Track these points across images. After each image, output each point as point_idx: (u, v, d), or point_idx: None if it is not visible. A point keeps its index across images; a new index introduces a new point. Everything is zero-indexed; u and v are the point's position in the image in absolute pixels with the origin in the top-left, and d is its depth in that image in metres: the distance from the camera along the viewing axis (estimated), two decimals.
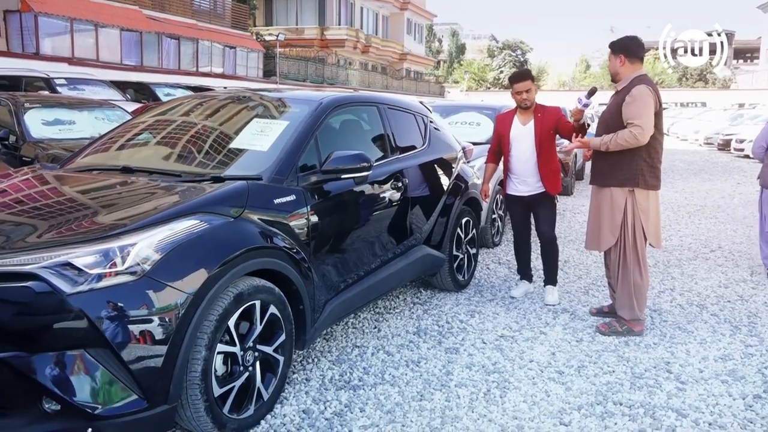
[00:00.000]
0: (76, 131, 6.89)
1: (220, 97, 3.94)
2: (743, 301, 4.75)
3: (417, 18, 47.41)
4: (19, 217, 2.59)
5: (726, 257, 6.23)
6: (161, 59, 21.74)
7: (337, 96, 3.68)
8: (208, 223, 2.55)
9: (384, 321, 4.19)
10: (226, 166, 3.10)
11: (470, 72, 62.29)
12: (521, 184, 4.65)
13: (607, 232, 3.96)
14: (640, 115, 3.71)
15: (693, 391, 3.19)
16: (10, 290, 2.16)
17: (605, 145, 3.79)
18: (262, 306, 2.72)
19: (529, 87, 4.49)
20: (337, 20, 36.67)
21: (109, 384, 2.21)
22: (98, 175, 3.09)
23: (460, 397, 3.12)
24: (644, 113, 3.72)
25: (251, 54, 27.12)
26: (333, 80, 33.48)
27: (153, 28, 21.46)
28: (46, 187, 2.98)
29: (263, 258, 2.71)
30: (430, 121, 4.74)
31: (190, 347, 2.36)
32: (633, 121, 3.71)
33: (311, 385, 3.22)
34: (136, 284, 2.26)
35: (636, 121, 3.70)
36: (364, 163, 3.21)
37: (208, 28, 24.56)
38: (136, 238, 2.32)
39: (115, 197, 2.75)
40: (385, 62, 43.12)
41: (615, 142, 3.75)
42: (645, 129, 3.70)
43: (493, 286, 5.08)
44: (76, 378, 2.18)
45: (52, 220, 2.50)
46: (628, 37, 3.96)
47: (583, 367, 3.49)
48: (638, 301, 3.97)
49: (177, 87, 15.67)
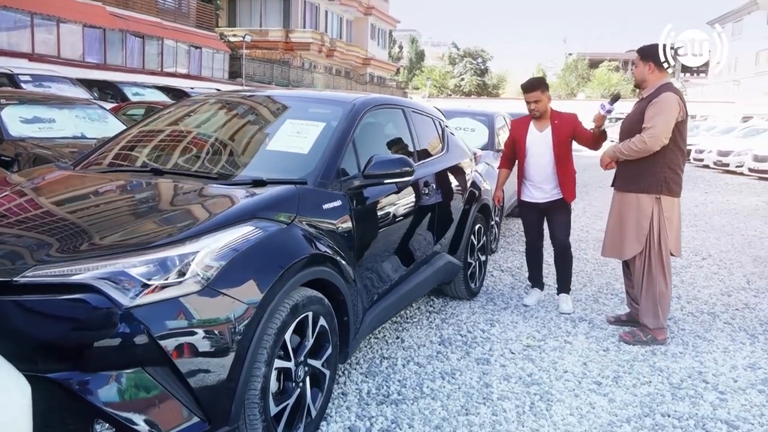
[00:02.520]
0: (57, 130, 6.54)
1: (242, 97, 3.76)
2: (750, 309, 4.81)
3: (380, 23, 47.47)
4: (62, 223, 2.36)
5: (718, 265, 6.33)
6: (125, 57, 21.09)
7: (368, 97, 3.55)
8: (263, 229, 2.38)
9: (405, 331, 4.06)
10: (266, 169, 2.92)
11: (432, 78, 62.70)
12: (537, 191, 4.60)
13: (633, 239, 3.93)
14: (656, 120, 3.70)
15: (735, 402, 3.18)
16: (61, 303, 1.96)
17: (619, 152, 3.80)
18: (313, 318, 2.56)
19: (538, 98, 4.43)
20: (302, 23, 36.37)
21: (169, 405, 2.02)
22: (132, 177, 2.87)
23: (506, 410, 3.02)
24: (661, 120, 3.71)
25: (217, 55, 26.59)
26: (298, 83, 33.16)
27: (117, 25, 20.80)
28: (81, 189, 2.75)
29: (318, 267, 2.55)
30: (446, 125, 4.65)
31: (252, 363, 2.19)
32: (646, 125, 3.71)
33: (350, 399, 3.07)
34: (199, 295, 2.08)
35: (648, 125, 3.70)
36: (407, 167, 3.09)
37: (173, 27, 23.95)
38: (196, 246, 2.14)
39: (161, 201, 2.56)
40: (349, 66, 43.00)
41: (627, 148, 3.75)
42: (657, 135, 3.69)
43: (503, 294, 5.02)
44: (133, 399, 1.98)
45: (99, 225, 2.30)
46: (656, 45, 3.95)
47: (619, 378, 3.44)
48: (663, 309, 3.96)
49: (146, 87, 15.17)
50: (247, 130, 3.36)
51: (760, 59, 42.13)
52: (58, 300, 1.95)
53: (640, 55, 3.92)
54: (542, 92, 4.41)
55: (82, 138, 6.51)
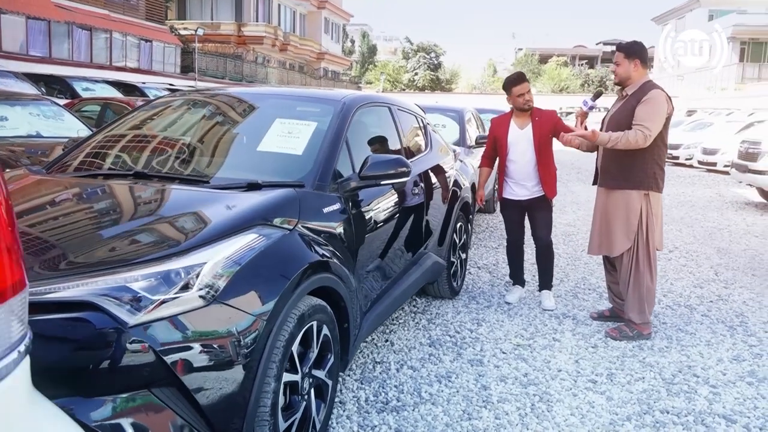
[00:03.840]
0: (9, 128, 6.18)
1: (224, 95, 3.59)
2: (724, 301, 4.92)
3: (334, 17, 47.10)
4: (49, 235, 2.18)
5: (686, 257, 6.48)
6: (72, 51, 20.24)
7: (357, 95, 3.45)
8: (267, 236, 2.26)
9: (393, 333, 3.98)
10: (259, 171, 2.79)
11: (386, 73, 62.65)
12: (519, 188, 4.59)
13: (622, 236, 3.95)
14: (652, 119, 3.72)
15: (728, 396, 3.22)
16: (59, 323, 1.80)
17: (615, 141, 3.76)
18: (317, 327, 2.46)
19: (529, 88, 4.45)
20: (255, 16, 35.72)
21: (179, 428, 1.89)
22: (116, 182, 2.68)
23: (508, 413, 2.98)
24: (656, 118, 3.73)
25: (168, 48, 25.83)
26: (252, 78, 32.59)
27: (62, 17, 19.94)
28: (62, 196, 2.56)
29: (322, 274, 2.44)
30: (428, 123, 4.58)
31: (263, 379, 2.07)
32: (643, 123, 3.71)
33: (348, 408, 2.97)
34: (206, 310, 1.94)
35: (646, 123, 3.70)
36: (403, 168, 3.00)
37: (121, 20, 23.12)
38: (202, 257, 2.00)
39: (154, 208, 2.39)
40: (303, 61, 42.52)
41: (625, 140, 3.73)
42: (652, 133, 3.71)
43: (484, 292, 4.99)
44: (139, 423, 1.84)
45: (91, 236, 2.13)
46: (640, 43, 3.97)
47: (612, 375, 3.45)
48: (648, 304, 4.00)
49: (96, 82, 14.59)
50: (234, 130, 3.20)
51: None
52: (55, 320, 1.79)
53: (625, 52, 3.91)
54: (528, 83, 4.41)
55: (38, 137, 6.18)
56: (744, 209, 9.98)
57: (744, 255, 6.61)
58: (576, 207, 9.56)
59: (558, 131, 4.45)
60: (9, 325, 1.02)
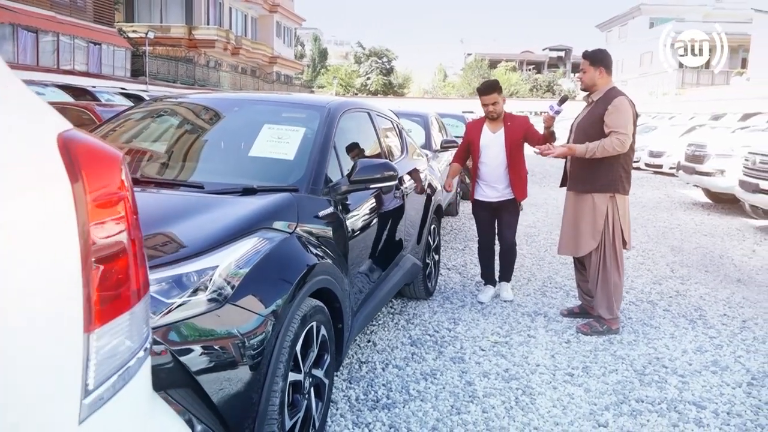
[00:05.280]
0: None
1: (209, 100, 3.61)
2: (682, 297, 5.19)
3: (286, 21, 46.85)
4: None
5: (642, 255, 6.78)
6: (17, 54, 19.55)
7: (340, 101, 3.53)
8: (270, 240, 2.31)
9: (374, 334, 4.07)
10: (252, 176, 2.83)
11: (338, 77, 62.67)
12: (489, 190, 4.75)
13: (588, 237, 4.14)
14: (625, 125, 3.92)
15: (696, 384, 3.43)
16: None
17: (592, 151, 3.95)
18: (317, 327, 2.52)
19: (495, 99, 4.59)
20: (206, 20, 35.19)
21: (195, 429, 1.93)
22: None
23: (494, 407, 3.10)
24: (627, 123, 3.93)
25: (118, 52, 25.22)
26: (204, 82, 32.12)
27: (5, 18, 19.24)
28: None
29: (321, 276, 2.51)
30: (402, 127, 4.69)
31: (273, 378, 2.13)
32: (618, 129, 3.90)
33: (341, 407, 3.04)
34: (219, 312, 1.99)
35: (621, 129, 3.90)
36: (391, 171, 3.09)
37: (68, 22, 22.44)
38: (212, 261, 2.04)
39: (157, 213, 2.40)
40: (255, 65, 42.14)
41: (602, 148, 3.91)
42: (628, 137, 3.92)
43: (456, 292, 5.12)
44: None
45: None
46: (604, 51, 4.17)
47: (587, 368, 3.62)
48: (617, 300, 4.20)
49: (45, 86, 14.14)
50: (224, 136, 3.23)
51: (644, 61, 45.34)
52: None
53: (590, 60, 4.10)
54: (498, 94, 4.56)
55: None
56: (692, 209, 10.46)
57: (696, 252, 6.96)
58: (535, 209, 9.83)
59: (529, 137, 4.62)
60: (141, 323, 1.12)
